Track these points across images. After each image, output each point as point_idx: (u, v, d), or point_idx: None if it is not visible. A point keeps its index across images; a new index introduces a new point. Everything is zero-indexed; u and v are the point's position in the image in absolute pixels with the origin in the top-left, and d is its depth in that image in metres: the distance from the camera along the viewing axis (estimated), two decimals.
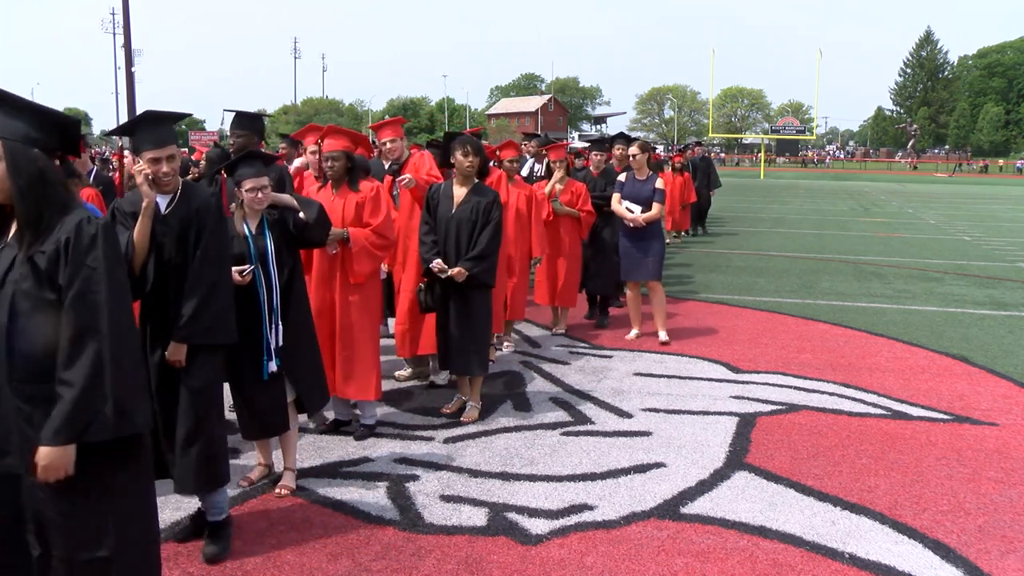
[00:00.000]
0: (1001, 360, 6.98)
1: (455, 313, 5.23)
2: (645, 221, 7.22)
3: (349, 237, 4.69)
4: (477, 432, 5.13)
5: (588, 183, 7.84)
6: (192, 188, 3.57)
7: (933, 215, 23.04)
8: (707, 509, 4.07)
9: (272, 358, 3.95)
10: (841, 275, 11.67)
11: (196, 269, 3.40)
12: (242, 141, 5.65)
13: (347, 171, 4.83)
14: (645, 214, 7.21)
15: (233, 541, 3.66)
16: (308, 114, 78.35)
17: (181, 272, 3.42)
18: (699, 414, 5.49)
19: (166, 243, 3.44)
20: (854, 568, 3.52)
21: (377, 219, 4.78)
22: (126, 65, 34.73)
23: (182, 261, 3.43)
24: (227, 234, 3.62)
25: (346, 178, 4.84)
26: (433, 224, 5.29)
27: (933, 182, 46.71)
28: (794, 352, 7.18)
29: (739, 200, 27.71)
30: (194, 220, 3.44)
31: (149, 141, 3.42)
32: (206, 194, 3.57)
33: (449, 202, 5.28)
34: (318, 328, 4.68)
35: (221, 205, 3.56)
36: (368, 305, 4.87)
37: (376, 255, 4.79)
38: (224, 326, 3.46)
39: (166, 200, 3.49)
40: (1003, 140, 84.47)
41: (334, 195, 4.85)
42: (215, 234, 3.46)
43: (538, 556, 3.59)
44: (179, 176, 3.55)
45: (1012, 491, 4.31)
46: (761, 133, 79.65)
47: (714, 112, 72.99)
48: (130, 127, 3.54)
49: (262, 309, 3.94)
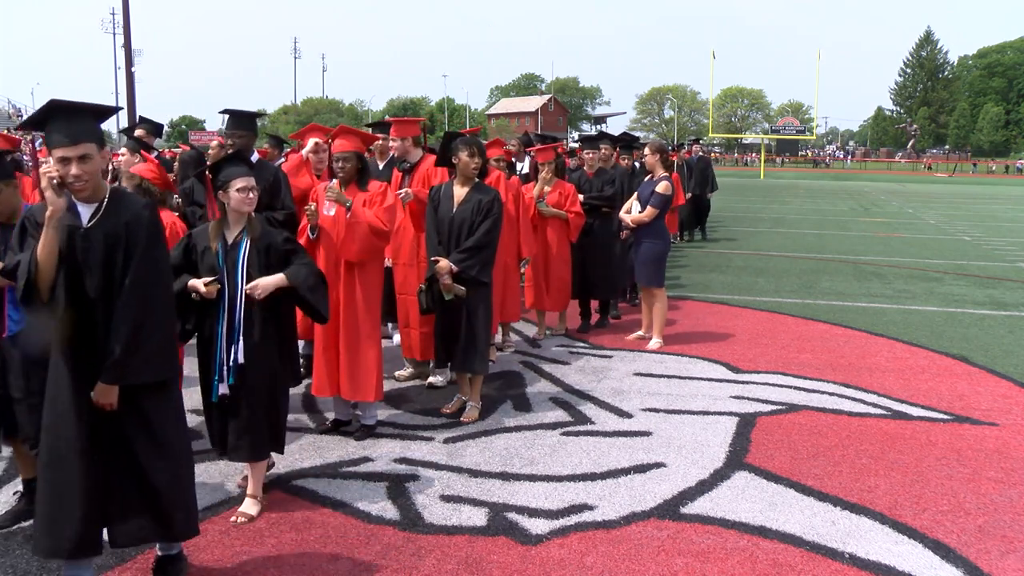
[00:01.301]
0: (1001, 360, 6.98)
1: (455, 311, 5.23)
2: (633, 222, 7.19)
3: (351, 207, 4.67)
4: (477, 432, 5.12)
5: (583, 183, 7.69)
6: (123, 197, 3.05)
7: (933, 215, 23.05)
8: (707, 509, 4.07)
9: (224, 380, 3.70)
10: (841, 275, 11.67)
11: (125, 299, 2.91)
12: (243, 142, 5.40)
13: (358, 171, 4.85)
14: (634, 215, 7.18)
15: (233, 541, 3.67)
16: (308, 114, 78.42)
17: (108, 299, 2.93)
18: (699, 414, 5.49)
19: (89, 263, 2.92)
20: (854, 568, 3.52)
21: (380, 206, 4.79)
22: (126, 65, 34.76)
23: (107, 285, 2.93)
24: (165, 254, 3.13)
25: (356, 178, 4.85)
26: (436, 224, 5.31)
27: (933, 182, 46.74)
28: (794, 352, 7.17)
29: (739, 200, 27.70)
30: (123, 237, 2.93)
31: (58, 136, 2.86)
32: (139, 205, 3.04)
33: (450, 202, 5.29)
34: (319, 329, 4.66)
35: (157, 219, 3.08)
36: (370, 306, 4.85)
37: (371, 239, 4.70)
38: (162, 362, 3.03)
39: (89, 211, 2.96)
40: (1003, 140, 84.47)
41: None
42: (148, 254, 2.96)
43: (538, 556, 3.59)
44: (103, 181, 3.02)
45: (1012, 491, 4.31)
46: (761, 133, 79.65)
47: (714, 112, 73.00)
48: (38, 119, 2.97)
49: (219, 327, 3.72)
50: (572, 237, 7.45)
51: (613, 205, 7.69)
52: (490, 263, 5.32)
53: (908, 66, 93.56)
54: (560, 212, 7.31)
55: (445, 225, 5.27)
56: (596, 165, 7.91)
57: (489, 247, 5.26)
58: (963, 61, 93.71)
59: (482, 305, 5.32)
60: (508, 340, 7.33)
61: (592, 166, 7.91)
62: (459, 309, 5.23)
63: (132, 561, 3.49)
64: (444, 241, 5.26)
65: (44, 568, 3.44)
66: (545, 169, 7.34)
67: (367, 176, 4.91)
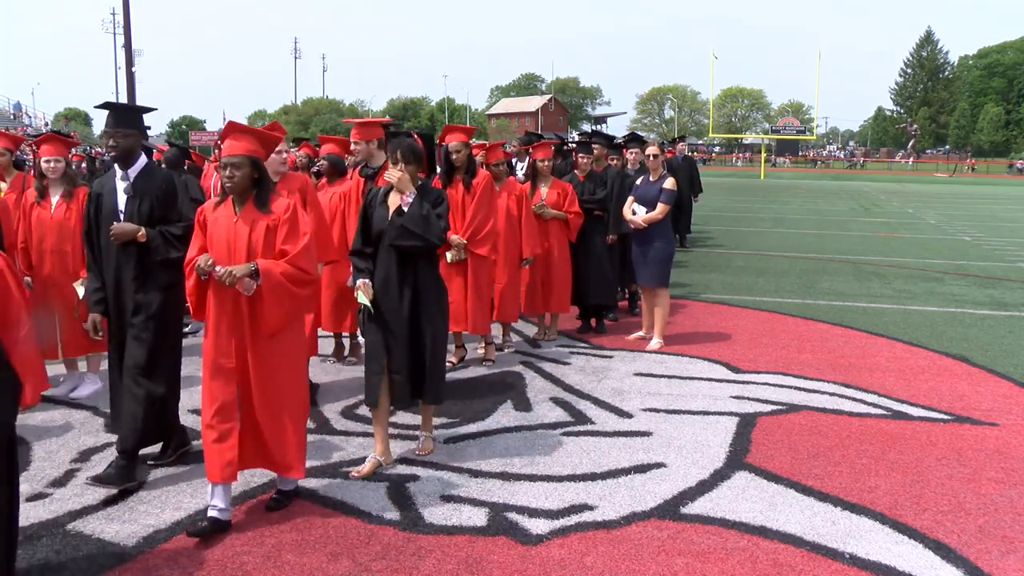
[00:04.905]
0: (1002, 360, 6.98)
1: (409, 337, 4.43)
2: (645, 222, 7.13)
3: (259, 272, 3.70)
4: (477, 432, 5.12)
5: (575, 187, 7.59)
6: None
7: (933, 215, 23.05)
8: (707, 509, 4.07)
9: None
10: (841, 275, 11.67)
11: None
12: (127, 143, 4.32)
13: (253, 183, 3.81)
14: (646, 215, 7.14)
15: (234, 541, 3.67)
16: (308, 114, 78.38)
17: None
18: (699, 414, 5.48)
19: None
20: (854, 568, 3.52)
21: (294, 246, 3.77)
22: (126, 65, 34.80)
23: None
24: None
25: (252, 193, 3.81)
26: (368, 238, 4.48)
27: (933, 182, 46.73)
28: (794, 352, 7.17)
29: (739, 200, 27.70)
30: None
31: None
32: None
33: (385, 210, 4.44)
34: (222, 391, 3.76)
35: None
36: (290, 358, 3.91)
37: (296, 294, 3.77)
38: None
39: None
40: (1003, 140, 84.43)
41: (236, 216, 3.80)
42: None
43: (538, 556, 3.59)
44: None
45: (1013, 491, 4.31)
46: (761, 133, 79.69)
47: (714, 112, 73.00)
48: None
49: None
50: (571, 236, 7.45)
51: (605, 207, 7.68)
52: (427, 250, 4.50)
53: (908, 66, 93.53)
54: (560, 213, 7.31)
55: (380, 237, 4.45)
56: (588, 169, 7.84)
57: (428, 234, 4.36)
58: (963, 61, 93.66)
59: (440, 326, 4.58)
60: (508, 340, 7.33)
61: (584, 170, 7.82)
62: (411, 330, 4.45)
63: (132, 561, 3.49)
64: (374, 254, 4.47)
65: (45, 568, 3.44)
66: (543, 165, 7.30)
67: (267, 190, 3.87)
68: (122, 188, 4.37)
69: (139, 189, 4.34)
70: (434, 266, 4.64)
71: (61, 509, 3.98)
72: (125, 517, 3.90)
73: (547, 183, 7.33)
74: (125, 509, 3.99)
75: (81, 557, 3.53)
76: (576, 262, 7.57)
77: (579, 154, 7.99)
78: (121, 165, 4.36)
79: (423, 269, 4.48)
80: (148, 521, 3.85)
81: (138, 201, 4.32)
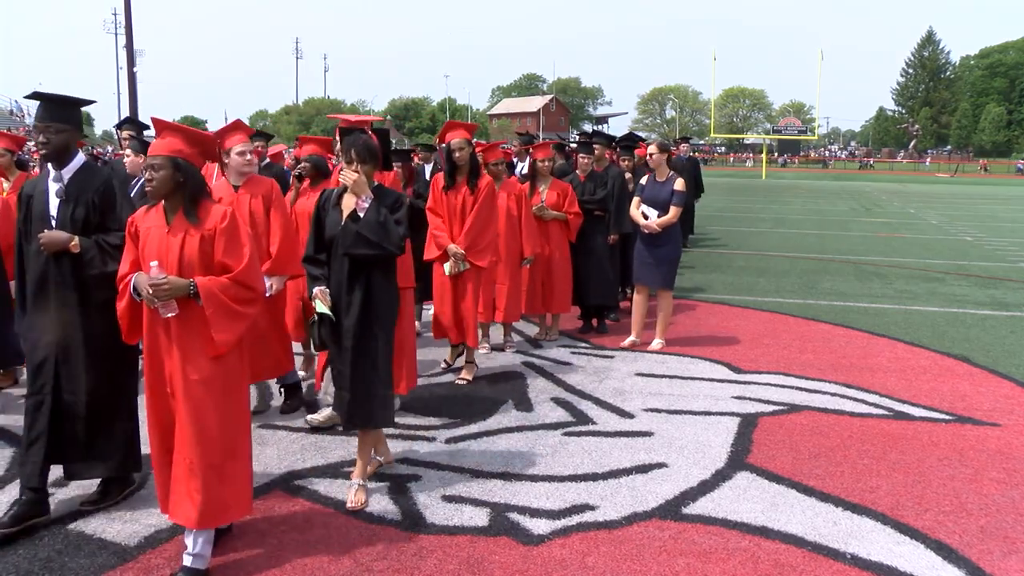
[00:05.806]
0: (1003, 360, 6.98)
1: (353, 351, 4.01)
2: (659, 226, 6.98)
3: (198, 292, 3.26)
4: (479, 432, 5.12)
5: (575, 187, 7.58)
6: None
7: (934, 215, 23.04)
8: (709, 509, 4.07)
9: None
10: (842, 275, 11.67)
11: None
12: (61, 138, 3.78)
13: (178, 187, 3.34)
14: (660, 219, 7.00)
15: (235, 541, 3.67)
16: (310, 114, 78.40)
17: None
18: (701, 414, 5.48)
19: None
20: (856, 568, 3.52)
21: (238, 261, 3.34)
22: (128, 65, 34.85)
23: None
24: None
25: (181, 201, 3.36)
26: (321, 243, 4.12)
27: (934, 182, 46.70)
28: (796, 352, 7.17)
29: (740, 200, 27.69)
30: None
31: None
32: None
33: (339, 215, 4.05)
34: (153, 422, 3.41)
35: None
36: (229, 382, 3.38)
37: (241, 313, 3.33)
38: None
39: None
40: (1005, 140, 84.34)
41: (167, 228, 3.36)
42: None
43: (540, 556, 3.59)
44: None
45: (1014, 492, 4.30)
46: (763, 133, 79.69)
47: (716, 112, 72.98)
48: None
49: None
50: (571, 237, 7.45)
51: (605, 208, 7.67)
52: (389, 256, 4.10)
53: (910, 66, 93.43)
54: (560, 214, 7.31)
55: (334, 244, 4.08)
56: (589, 169, 7.81)
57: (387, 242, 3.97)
58: (965, 61, 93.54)
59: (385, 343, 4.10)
60: (509, 340, 7.33)
61: (585, 170, 7.80)
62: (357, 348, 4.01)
63: (134, 561, 3.50)
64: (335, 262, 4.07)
65: (46, 568, 3.44)
66: (543, 165, 7.28)
67: (200, 194, 3.41)
68: (54, 190, 3.81)
69: (73, 192, 3.79)
70: (390, 276, 4.14)
71: (63, 509, 3.99)
72: (127, 517, 3.90)
73: (547, 183, 7.32)
74: (126, 509, 3.99)
75: (83, 556, 3.53)
76: (577, 262, 7.56)
77: (579, 154, 7.97)
78: (54, 164, 3.81)
79: (377, 279, 4.03)
80: (150, 521, 3.85)
81: (72, 206, 3.78)
